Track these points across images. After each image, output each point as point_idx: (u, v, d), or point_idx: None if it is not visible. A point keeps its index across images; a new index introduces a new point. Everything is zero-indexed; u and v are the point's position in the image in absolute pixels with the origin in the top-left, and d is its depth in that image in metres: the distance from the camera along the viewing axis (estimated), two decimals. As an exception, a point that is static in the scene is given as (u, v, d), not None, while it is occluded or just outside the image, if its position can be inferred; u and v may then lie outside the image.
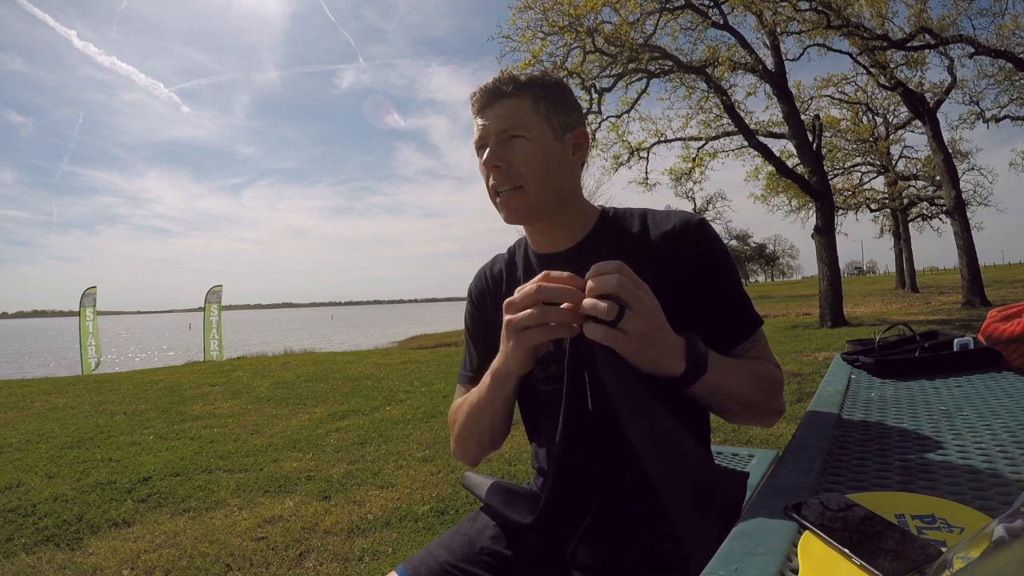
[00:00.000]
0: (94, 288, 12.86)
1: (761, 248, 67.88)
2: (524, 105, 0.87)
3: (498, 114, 0.87)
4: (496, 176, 0.88)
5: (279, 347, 13.70)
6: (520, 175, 0.87)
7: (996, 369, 1.19)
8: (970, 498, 0.58)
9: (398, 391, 6.01)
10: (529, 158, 0.87)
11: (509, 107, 0.87)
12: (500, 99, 0.87)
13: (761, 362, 0.87)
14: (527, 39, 10.86)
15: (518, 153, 0.87)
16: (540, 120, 0.88)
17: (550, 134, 0.89)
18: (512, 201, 0.89)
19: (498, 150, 0.87)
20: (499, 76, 0.89)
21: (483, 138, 0.89)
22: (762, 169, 15.44)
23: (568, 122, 0.91)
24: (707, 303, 0.86)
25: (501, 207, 0.90)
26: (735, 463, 1.63)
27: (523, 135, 0.87)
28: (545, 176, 0.88)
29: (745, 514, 0.58)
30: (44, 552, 2.47)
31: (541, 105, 0.88)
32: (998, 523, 0.35)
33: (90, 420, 5.20)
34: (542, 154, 0.88)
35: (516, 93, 0.87)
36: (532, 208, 0.89)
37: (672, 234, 0.87)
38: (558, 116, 0.89)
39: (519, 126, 0.87)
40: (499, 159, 0.87)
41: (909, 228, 24.38)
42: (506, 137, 0.87)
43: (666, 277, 0.83)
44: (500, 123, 0.87)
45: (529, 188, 0.88)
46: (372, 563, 2.24)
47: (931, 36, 11.79)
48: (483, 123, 0.88)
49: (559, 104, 0.90)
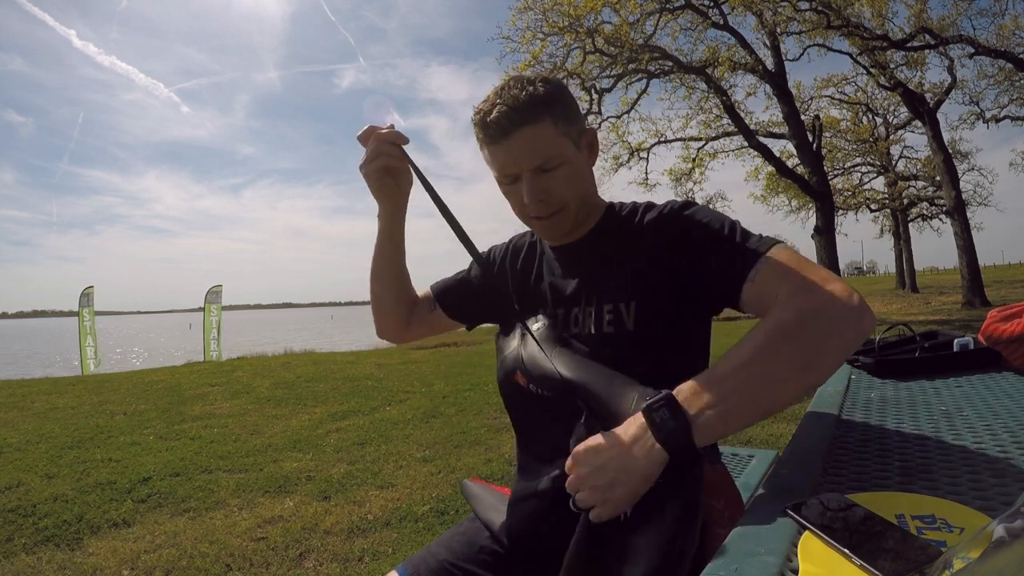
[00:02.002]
0: (91, 288, 12.84)
1: (761, 248, 67.71)
2: (546, 130, 0.83)
3: (524, 146, 0.83)
4: (539, 208, 0.86)
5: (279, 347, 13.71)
6: (561, 199, 0.86)
7: (996, 369, 1.19)
8: (970, 498, 0.58)
9: (398, 391, 6.01)
10: (567, 183, 0.86)
11: (533, 137, 0.82)
12: (520, 127, 0.82)
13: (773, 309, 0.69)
14: (527, 40, 10.88)
15: (557, 181, 0.85)
16: (564, 139, 0.85)
17: (574, 149, 0.87)
18: (554, 224, 0.89)
19: (537, 183, 0.84)
20: (511, 100, 0.82)
21: (514, 173, 0.85)
22: (762, 169, 15.48)
23: (579, 127, 0.89)
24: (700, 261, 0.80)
25: (542, 230, 0.91)
26: (735, 464, 1.63)
27: (557, 163, 0.84)
28: (581, 193, 0.88)
29: (745, 514, 0.58)
30: (44, 552, 2.47)
31: (560, 123, 0.84)
32: (998, 523, 0.35)
33: (90, 420, 5.20)
34: (576, 174, 0.87)
35: (535, 119, 0.82)
36: (571, 224, 0.90)
37: (660, 217, 0.86)
38: (573, 126, 0.87)
39: (552, 156, 0.84)
40: (542, 193, 0.85)
41: (909, 228, 24.37)
42: (539, 170, 0.84)
43: (658, 263, 0.83)
44: (531, 158, 0.83)
45: (570, 209, 0.88)
46: (372, 563, 2.24)
47: (931, 36, 11.79)
48: (508, 157, 0.84)
49: (570, 113, 0.87)
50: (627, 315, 0.85)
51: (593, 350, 0.87)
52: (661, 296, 0.83)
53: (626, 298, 0.85)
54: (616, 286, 0.86)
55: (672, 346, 0.85)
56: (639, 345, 0.84)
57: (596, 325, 0.87)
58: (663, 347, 0.85)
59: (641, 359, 0.84)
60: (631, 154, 12.82)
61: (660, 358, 0.84)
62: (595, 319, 0.87)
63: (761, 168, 15.34)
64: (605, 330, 0.86)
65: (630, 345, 0.85)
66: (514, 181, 0.87)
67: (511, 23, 11.02)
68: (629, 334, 0.84)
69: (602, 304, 0.87)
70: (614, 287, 0.86)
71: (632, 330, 0.84)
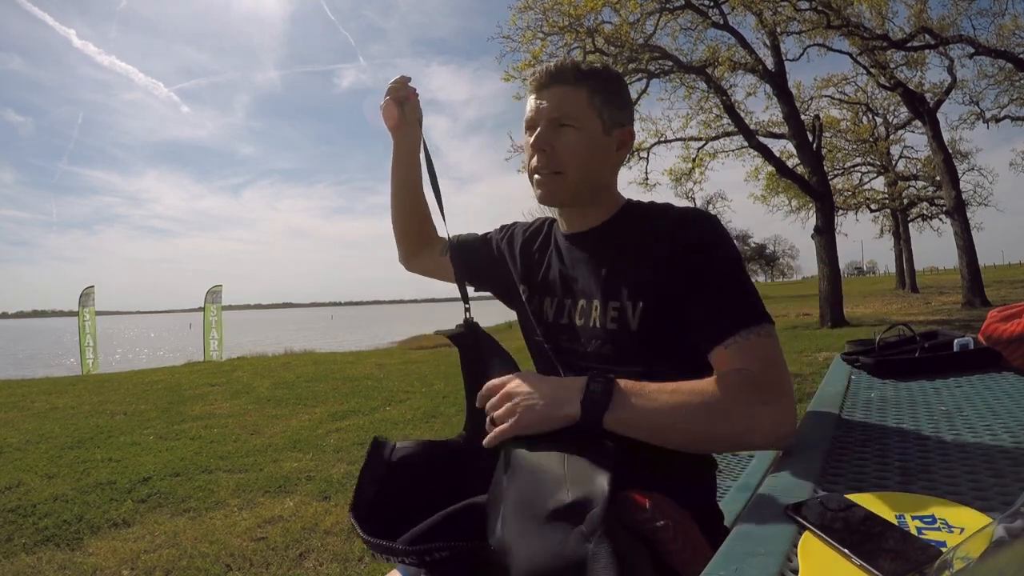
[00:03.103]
0: (92, 288, 12.85)
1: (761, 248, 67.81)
2: (579, 95, 0.88)
3: (552, 99, 0.89)
4: (540, 159, 0.90)
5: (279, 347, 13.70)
6: (562, 162, 0.89)
7: (996, 369, 1.18)
8: (970, 498, 0.58)
9: (398, 391, 6.01)
10: (574, 147, 0.89)
11: (564, 95, 0.88)
12: (558, 84, 0.89)
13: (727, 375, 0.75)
14: (527, 39, 10.85)
15: (565, 141, 0.89)
16: (592, 112, 0.89)
17: (599, 127, 0.90)
18: (550, 184, 0.91)
19: (546, 134, 0.89)
20: (562, 61, 0.90)
21: (534, 119, 0.90)
22: (762, 169, 15.44)
23: (619, 118, 0.92)
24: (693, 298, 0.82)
25: (537, 186, 0.93)
26: (735, 464, 1.63)
27: (573, 124, 0.88)
28: (586, 167, 0.90)
29: (745, 514, 0.58)
30: (44, 552, 2.47)
31: (596, 97, 0.89)
32: (998, 523, 0.35)
33: (90, 420, 5.20)
34: (587, 145, 0.89)
35: (574, 81, 0.88)
36: (567, 195, 0.92)
37: (679, 228, 0.86)
38: (610, 110, 0.91)
39: (570, 115, 0.88)
40: (546, 143, 0.89)
41: (909, 228, 24.35)
42: (556, 124, 0.89)
43: (671, 271, 0.83)
44: (552, 109, 0.89)
45: (568, 175, 0.90)
46: (372, 563, 2.24)
47: (931, 36, 11.78)
48: (536, 104, 0.90)
49: (614, 99, 0.91)
50: (632, 315, 0.85)
51: (595, 344, 0.89)
52: (668, 303, 0.83)
53: (634, 298, 0.85)
54: (625, 284, 0.87)
55: (672, 351, 0.85)
56: (640, 345, 0.85)
57: (600, 320, 0.88)
58: (663, 350, 0.85)
59: (640, 359, 0.85)
60: (631, 154, 12.81)
61: (658, 361, 0.85)
62: (600, 314, 0.88)
63: (761, 168, 15.31)
64: (608, 326, 0.87)
65: (631, 344, 0.85)
66: (532, 130, 0.91)
67: (511, 22, 11.01)
68: (631, 334, 0.85)
69: (608, 300, 0.88)
70: (623, 285, 0.87)
71: (635, 330, 0.85)
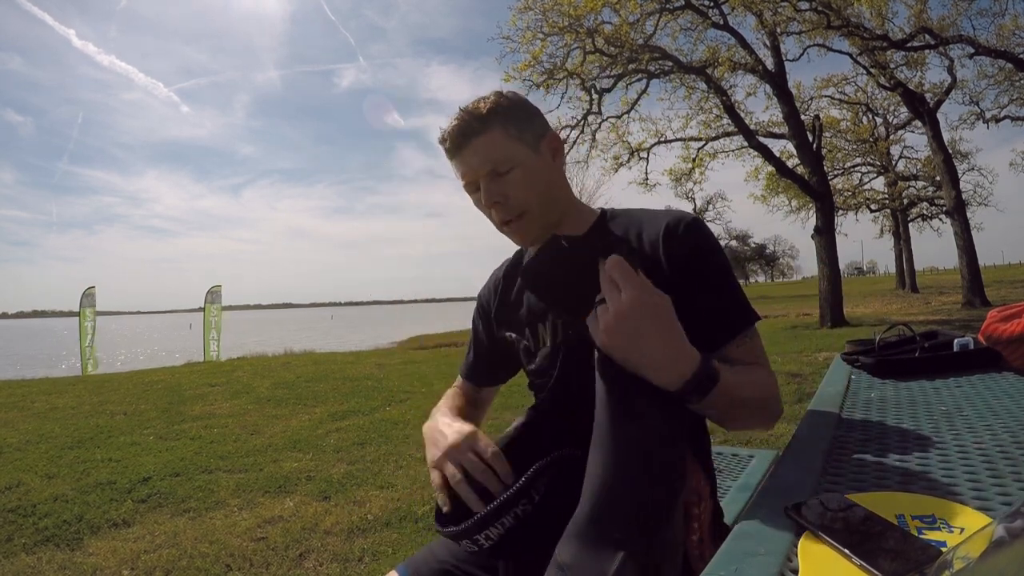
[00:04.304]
0: (94, 288, 12.86)
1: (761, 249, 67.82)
2: (495, 137, 0.88)
3: (476, 155, 0.88)
4: (499, 212, 0.90)
5: (279, 347, 13.70)
6: (520, 203, 0.89)
7: (996, 369, 1.19)
8: (970, 498, 0.58)
9: (398, 391, 6.01)
10: (524, 185, 0.89)
11: (483, 145, 0.88)
12: (471, 139, 0.88)
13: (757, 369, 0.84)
14: (527, 40, 10.86)
15: (512, 184, 0.88)
16: (515, 143, 0.89)
17: (529, 152, 0.90)
18: (521, 228, 0.91)
19: (492, 188, 0.88)
20: (461, 116, 0.89)
21: (472, 181, 0.90)
22: (762, 169, 15.44)
23: (537, 131, 0.92)
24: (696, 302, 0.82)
25: (511, 236, 0.93)
26: (735, 464, 1.63)
27: (510, 167, 0.88)
28: (542, 195, 0.90)
29: (745, 514, 0.58)
30: (44, 552, 2.47)
31: (510, 127, 0.89)
32: (998, 523, 0.35)
33: (90, 420, 5.20)
34: (532, 175, 0.89)
35: (483, 128, 0.87)
36: (539, 229, 0.92)
37: (663, 234, 0.86)
38: (527, 131, 0.90)
39: (501, 159, 0.88)
40: (497, 195, 0.88)
41: (909, 228, 24.35)
42: (494, 175, 0.88)
43: (659, 276, 0.83)
44: (484, 163, 0.88)
45: (533, 211, 0.90)
46: (372, 563, 2.24)
47: (931, 36, 11.78)
48: (465, 166, 0.90)
49: (523, 119, 0.91)
50: None
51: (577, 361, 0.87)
52: None
53: None
54: None
55: None
56: None
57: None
58: None
59: None
60: (631, 154, 12.79)
61: None
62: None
63: (761, 168, 15.31)
64: None
65: None
66: (476, 190, 0.91)
67: (511, 23, 11.01)
68: None
69: None
70: None
71: None
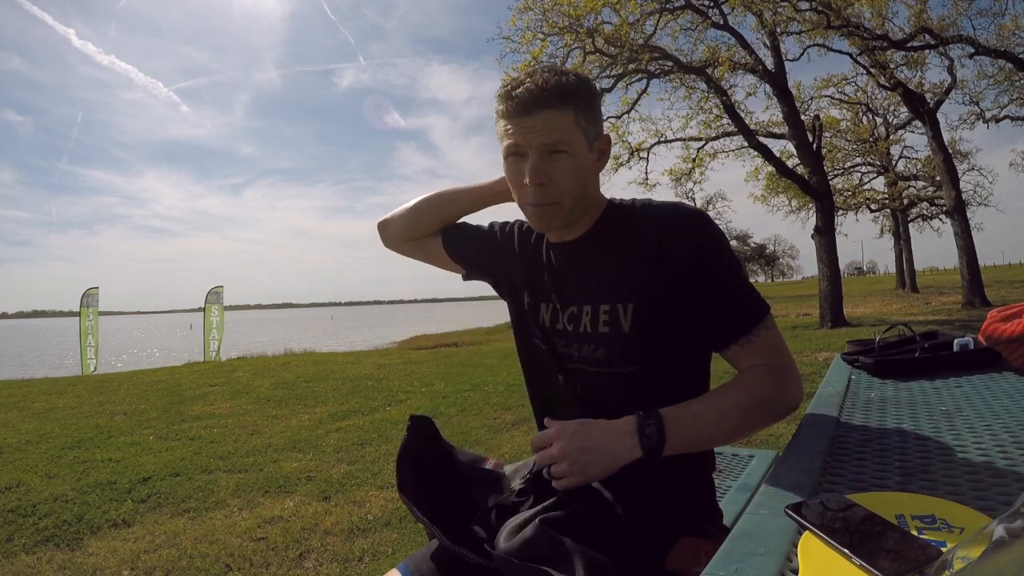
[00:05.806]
0: (96, 289, 12.86)
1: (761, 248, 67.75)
2: (567, 118, 0.83)
3: (542, 126, 0.83)
4: (538, 192, 0.86)
5: (279, 347, 13.70)
6: (559, 191, 0.86)
7: (996, 369, 1.19)
8: (970, 498, 0.58)
9: (398, 391, 6.01)
10: (570, 175, 0.85)
11: (553, 120, 0.83)
12: (544, 109, 0.82)
13: (748, 376, 0.83)
14: (527, 40, 10.86)
15: (560, 169, 0.85)
16: (580, 133, 0.85)
17: (586, 146, 0.87)
18: (546, 215, 0.88)
19: (541, 166, 0.84)
20: (542, 81, 0.82)
21: (523, 147, 0.85)
22: (762, 169, 15.44)
23: (598, 130, 0.89)
24: (699, 303, 0.84)
25: (534, 217, 0.90)
26: (735, 464, 1.63)
27: (566, 150, 0.84)
28: (581, 191, 0.88)
29: (745, 514, 0.58)
30: (44, 552, 2.47)
31: (582, 118, 0.85)
32: (998, 523, 0.35)
33: (90, 420, 5.20)
34: (580, 169, 0.86)
35: (560, 105, 0.82)
36: (562, 221, 0.90)
37: (665, 231, 0.85)
38: (592, 126, 0.87)
39: (563, 141, 0.83)
40: (543, 175, 0.84)
41: (909, 228, 24.34)
42: (548, 152, 0.84)
43: (660, 271, 0.84)
44: (544, 136, 0.83)
45: (564, 203, 0.87)
46: (372, 563, 2.24)
47: (931, 36, 11.78)
48: (522, 131, 0.84)
49: (595, 114, 0.88)
50: (624, 316, 0.85)
51: (589, 349, 0.88)
52: (660, 302, 0.84)
53: (624, 299, 0.85)
54: (615, 287, 0.87)
55: (666, 349, 0.86)
56: (634, 346, 0.85)
57: (592, 325, 0.88)
58: (657, 349, 0.85)
59: (634, 360, 0.85)
60: (631, 154, 12.79)
61: (653, 360, 0.85)
62: (591, 319, 0.88)
63: (761, 168, 15.30)
64: (601, 330, 0.87)
65: (625, 346, 0.86)
66: (520, 160, 0.86)
67: (511, 23, 11.01)
68: (624, 335, 0.85)
69: (599, 304, 0.88)
70: (612, 288, 0.87)
71: (628, 331, 0.85)
